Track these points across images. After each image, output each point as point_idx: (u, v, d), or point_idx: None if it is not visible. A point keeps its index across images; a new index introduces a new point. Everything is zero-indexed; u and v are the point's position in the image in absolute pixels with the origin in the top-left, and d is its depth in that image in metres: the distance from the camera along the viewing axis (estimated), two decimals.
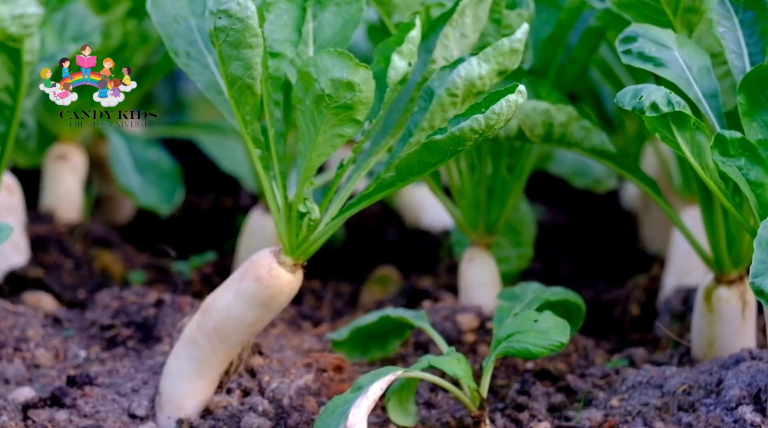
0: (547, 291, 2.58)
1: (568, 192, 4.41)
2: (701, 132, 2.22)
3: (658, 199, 2.68)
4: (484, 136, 2.18)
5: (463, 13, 2.41)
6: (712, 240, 2.67)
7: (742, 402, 2.38)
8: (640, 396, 2.49)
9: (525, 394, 2.58)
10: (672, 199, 3.55)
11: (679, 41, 2.37)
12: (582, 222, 4.29)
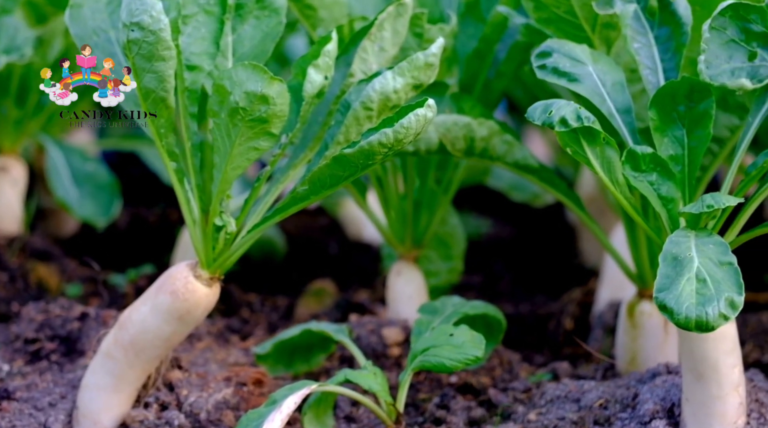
0: (466, 305, 2.58)
1: (515, 206, 4.43)
2: (611, 147, 2.23)
3: (581, 213, 2.69)
4: (394, 149, 2.18)
5: (382, 26, 2.42)
6: (635, 254, 2.69)
7: (656, 416, 2.38)
8: (557, 410, 2.50)
9: (444, 408, 2.58)
10: (608, 214, 3.57)
11: (593, 56, 2.38)
12: (527, 236, 4.31)
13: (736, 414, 2.30)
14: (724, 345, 2.28)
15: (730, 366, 2.29)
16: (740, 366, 2.31)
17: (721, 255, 2.10)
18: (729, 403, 2.30)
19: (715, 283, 2.06)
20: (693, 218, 2.21)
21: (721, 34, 2.25)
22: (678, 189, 2.27)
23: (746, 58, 2.26)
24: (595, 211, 3.58)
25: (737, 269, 2.08)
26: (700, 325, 2.03)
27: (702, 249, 2.11)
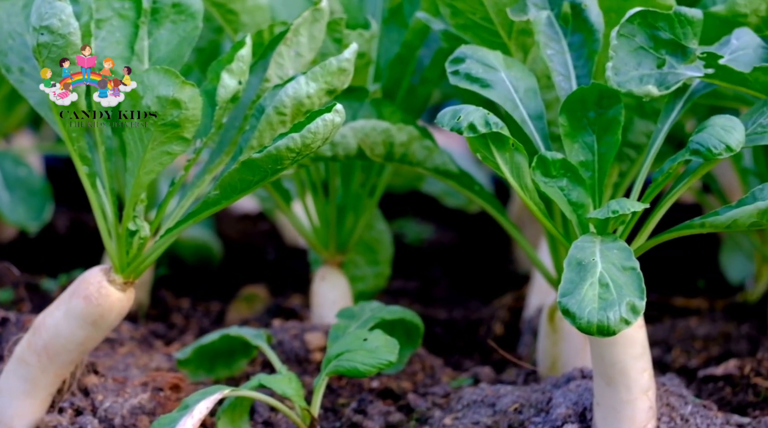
0: (384, 309, 2.59)
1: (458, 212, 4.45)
2: (520, 153, 2.24)
3: (501, 218, 2.71)
4: (302, 154, 2.19)
5: (298, 32, 2.42)
6: (555, 260, 2.70)
7: (568, 421, 2.40)
8: (473, 414, 2.51)
9: (361, 413, 2.58)
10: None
11: (506, 63, 2.40)
12: (467, 242, 4.32)
13: (646, 418, 2.32)
14: (633, 350, 2.29)
15: (640, 370, 2.30)
16: (650, 370, 2.32)
17: (625, 261, 2.12)
18: (638, 407, 2.31)
19: (617, 288, 2.07)
20: (601, 223, 2.23)
21: (630, 41, 2.27)
22: (588, 194, 2.28)
23: (655, 65, 2.28)
24: (532, 217, 3.60)
25: (640, 274, 2.10)
26: (601, 329, 2.04)
27: (606, 254, 2.13)
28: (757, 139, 2.18)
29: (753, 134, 2.19)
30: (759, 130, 2.19)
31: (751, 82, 2.24)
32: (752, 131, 2.19)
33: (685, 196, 4.12)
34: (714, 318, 3.40)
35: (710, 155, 2.14)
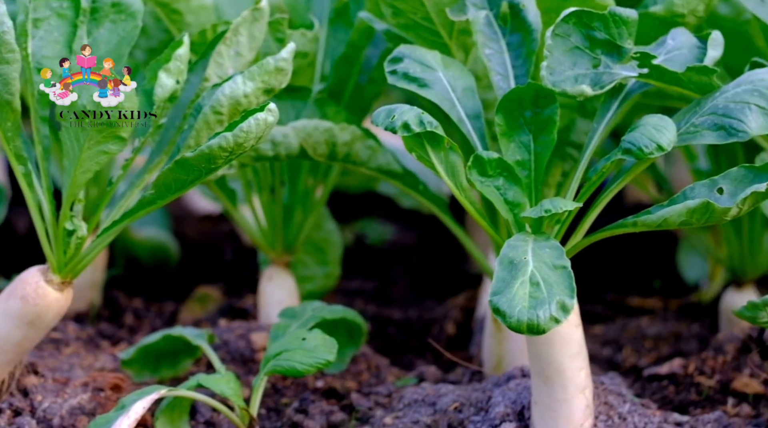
0: (325, 309, 2.59)
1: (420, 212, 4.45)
2: (455, 152, 2.24)
3: (446, 217, 2.71)
4: (235, 153, 2.19)
5: (237, 31, 2.42)
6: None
7: (506, 419, 2.40)
8: (413, 413, 2.51)
9: (303, 412, 2.58)
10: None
11: (444, 62, 2.40)
12: (428, 242, 4.33)
13: (583, 416, 2.33)
14: (569, 349, 2.30)
15: (576, 369, 2.31)
16: (587, 369, 2.33)
17: (556, 259, 2.12)
18: (575, 406, 2.32)
19: (548, 287, 2.07)
20: (536, 222, 2.23)
21: (565, 41, 2.27)
22: (524, 194, 2.29)
23: (590, 65, 2.29)
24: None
25: (570, 273, 2.10)
26: (531, 328, 2.05)
27: (538, 253, 2.13)
28: (690, 138, 2.19)
29: (686, 134, 2.20)
30: (691, 130, 2.19)
31: (685, 82, 2.25)
32: (685, 131, 2.20)
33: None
34: (666, 318, 3.41)
35: (641, 154, 2.15)
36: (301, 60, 2.66)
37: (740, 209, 2.08)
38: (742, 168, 2.14)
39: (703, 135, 2.17)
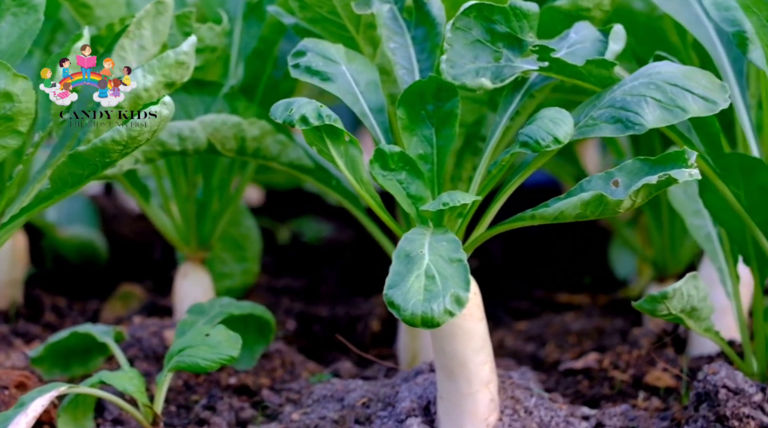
0: (233, 305, 2.57)
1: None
2: (354, 146, 2.23)
3: (358, 213, 2.70)
4: (130, 147, 2.17)
5: (141, 25, 2.39)
6: None
7: (412, 414, 2.39)
8: (321, 409, 2.49)
9: (210, 409, 2.56)
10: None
11: (348, 56, 2.39)
12: (364, 239, 4.32)
13: (487, 410, 2.32)
14: (473, 343, 2.29)
15: (480, 363, 2.30)
16: (491, 363, 2.32)
17: (452, 252, 2.12)
18: (479, 400, 2.31)
19: (443, 280, 2.07)
20: (436, 216, 2.22)
21: (466, 34, 2.27)
22: (427, 187, 2.28)
23: (492, 59, 2.28)
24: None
25: (466, 266, 2.09)
26: (425, 321, 2.04)
27: (435, 246, 2.13)
28: (588, 131, 2.19)
29: (584, 127, 2.20)
30: (590, 123, 2.19)
31: (585, 75, 2.25)
32: (584, 124, 2.20)
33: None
34: (591, 314, 3.42)
35: (538, 147, 2.15)
36: (209, 54, 2.64)
37: (633, 201, 2.08)
38: (637, 160, 2.14)
39: (601, 128, 2.17)
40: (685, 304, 2.25)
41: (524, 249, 4.09)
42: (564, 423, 2.40)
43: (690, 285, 2.25)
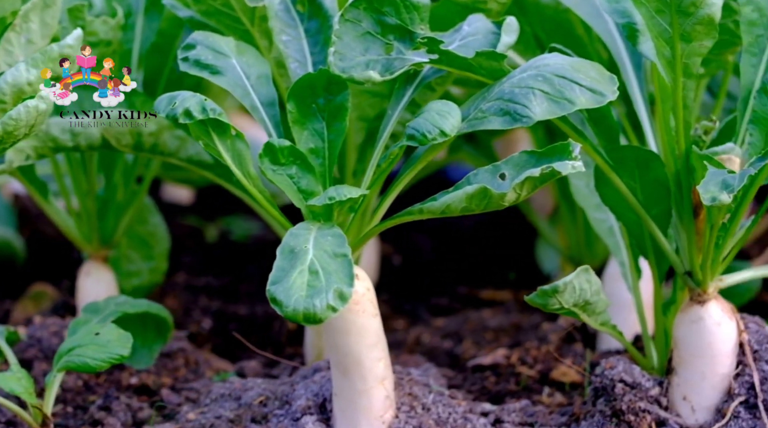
0: (128, 303, 2.52)
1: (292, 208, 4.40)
2: (241, 140, 2.20)
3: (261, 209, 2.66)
4: (6, 142, 2.12)
5: (27, 18, 2.34)
6: None
7: (307, 412, 2.36)
8: (218, 408, 2.46)
9: (105, 410, 2.52)
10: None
11: (238, 49, 2.35)
12: None
13: (383, 407, 2.29)
14: (366, 339, 2.26)
15: (375, 359, 2.27)
16: (386, 359, 2.29)
17: (337, 247, 2.08)
18: (374, 397, 2.28)
19: (326, 275, 2.03)
20: (325, 211, 2.19)
21: (356, 26, 2.23)
22: (318, 182, 2.25)
23: (383, 51, 2.25)
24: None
25: (350, 260, 2.06)
26: (308, 317, 2.00)
27: (320, 241, 2.09)
28: (477, 124, 2.16)
29: (473, 119, 2.17)
30: (479, 115, 2.17)
31: (476, 67, 2.22)
32: (473, 116, 2.17)
33: None
34: (509, 310, 3.40)
35: (425, 140, 2.12)
36: (104, 48, 2.59)
37: (518, 194, 2.05)
38: (524, 153, 2.12)
39: (490, 120, 2.15)
40: (577, 298, 2.23)
41: (454, 245, 4.08)
42: (462, 420, 2.37)
43: (582, 279, 2.23)
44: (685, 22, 2.15)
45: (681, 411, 2.33)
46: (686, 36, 2.17)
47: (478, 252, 3.98)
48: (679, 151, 2.26)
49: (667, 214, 2.34)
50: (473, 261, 3.92)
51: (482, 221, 4.24)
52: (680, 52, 2.18)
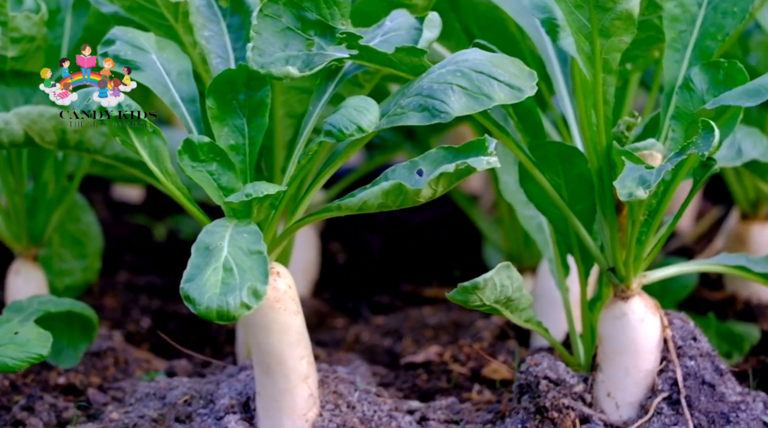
0: (50, 302, 2.49)
1: None
2: (158, 137, 2.17)
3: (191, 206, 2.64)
4: None
5: None
6: None
7: (231, 412, 2.34)
8: (142, 408, 2.43)
9: (28, 410, 2.49)
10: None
11: (159, 45, 2.33)
12: None
13: (306, 406, 2.28)
14: (289, 337, 2.25)
15: (297, 358, 2.26)
16: (309, 357, 2.28)
17: (252, 244, 2.07)
18: (298, 395, 2.27)
19: (241, 273, 2.02)
20: (244, 208, 2.17)
21: (276, 21, 2.22)
22: (239, 179, 2.23)
23: (304, 47, 2.23)
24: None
25: (265, 258, 2.05)
26: (221, 315, 1.98)
27: (236, 238, 2.08)
28: (397, 119, 2.15)
29: (393, 115, 2.16)
30: (398, 111, 2.15)
31: (396, 63, 2.21)
32: (393, 112, 2.16)
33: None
34: (450, 308, 3.39)
35: (342, 136, 2.11)
36: (27, 44, 2.56)
37: (434, 190, 2.04)
38: (441, 149, 2.11)
39: (409, 116, 2.13)
40: (498, 295, 2.23)
41: (403, 244, 4.07)
42: (387, 418, 2.36)
43: (503, 276, 2.23)
44: (603, 17, 2.15)
45: (605, 408, 2.32)
46: (605, 31, 2.16)
47: (427, 251, 3.97)
48: (600, 146, 2.26)
49: (591, 210, 2.34)
50: (421, 259, 3.91)
51: (433, 220, 4.24)
52: (599, 47, 2.18)
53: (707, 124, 2.04)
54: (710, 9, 2.32)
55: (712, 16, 2.32)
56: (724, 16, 2.31)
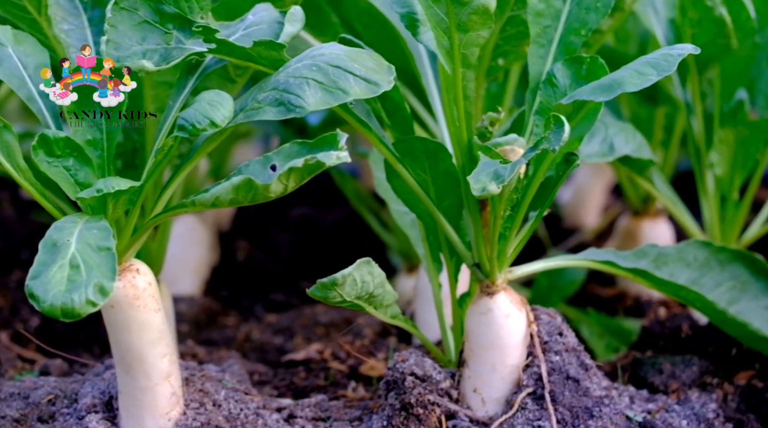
0: None
1: None
2: (9, 131, 2.14)
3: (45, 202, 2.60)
4: None
5: None
6: None
7: (93, 411, 2.31)
8: (5, 408, 2.39)
9: None
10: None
11: (17, 38, 2.28)
12: None
13: (168, 404, 2.25)
14: (149, 335, 2.22)
15: (159, 355, 2.23)
16: (171, 355, 2.25)
17: (102, 241, 2.03)
18: (159, 394, 2.24)
19: (88, 269, 1.98)
20: (98, 203, 2.14)
21: (132, 14, 2.19)
22: (96, 175, 2.19)
23: (162, 40, 2.20)
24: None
25: (114, 254, 2.01)
26: (66, 313, 1.95)
27: (85, 234, 2.04)
28: (253, 114, 2.12)
29: (250, 110, 2.13)
30: (255, 106, 2.13)
31: (256, 57, 2.18)
32: (250, 107, 2.13)
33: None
34: None
35: (195, 131, 2.08)
36: None
37: (285, 185, 2.02)
38: (295, 143, 2.09)
39: (265, 111, 2.11)
40: (360, 291, 2.21)
41: (312, 242, 4.05)
42: (254, 416, 2.34)
43: (364, 271, 2.21)
44: (460, 11, 2.14)
45: (471, 404, 2.32)
46: (462, 26, 2.16)
47: (335, 250, 3.95)
48: (462, 142, 2.25)
49: (458, 206, 2.33)
50: (329, 258, 3.89)
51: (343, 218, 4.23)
52: (458, 42, 2.17)
53: (558, 119, 2.04)
54: (574, 4, 2.32)
55: (576, 11, 2.32)
56: (588, 11, 2.31)
